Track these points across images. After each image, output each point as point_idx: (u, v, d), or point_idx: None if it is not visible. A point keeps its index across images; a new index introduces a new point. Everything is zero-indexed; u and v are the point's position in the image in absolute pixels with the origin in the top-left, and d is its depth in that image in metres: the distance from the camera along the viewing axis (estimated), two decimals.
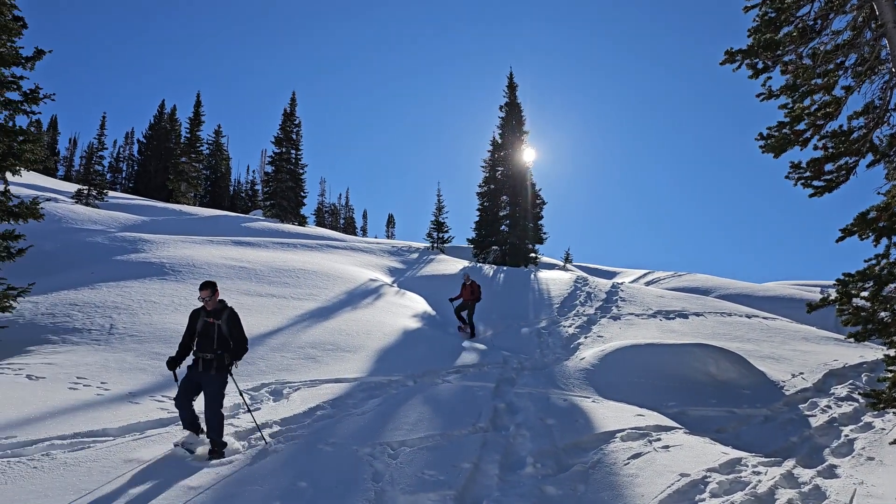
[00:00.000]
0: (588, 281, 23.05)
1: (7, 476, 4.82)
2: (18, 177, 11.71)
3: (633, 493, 5.22)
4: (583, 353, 12.92)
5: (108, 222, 25.86)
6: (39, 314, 12.20)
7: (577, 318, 17.32)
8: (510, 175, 34.69)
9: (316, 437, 6.50)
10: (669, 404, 9.45)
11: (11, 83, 11.09)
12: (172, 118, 60.15)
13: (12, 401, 7.09)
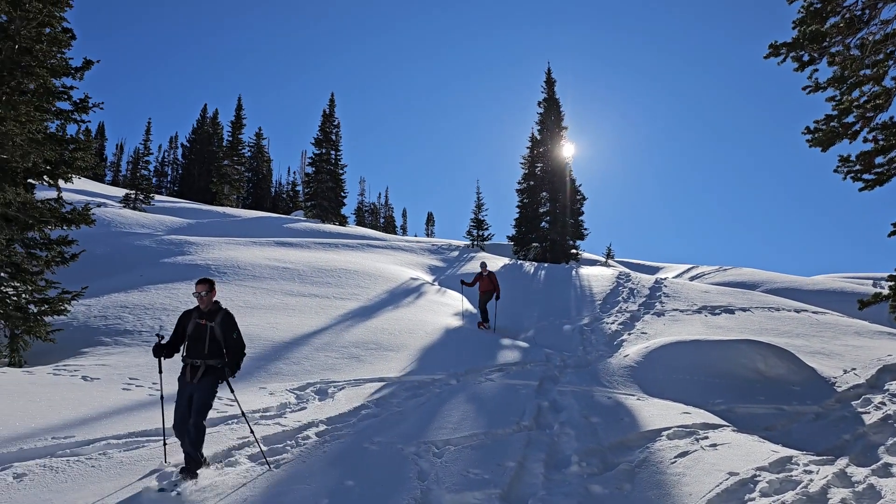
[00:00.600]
0: (630, 277, 22.78)
1: (67, 475, 5.00)
2: (70, 183, 12.08)
3: (680, 492, 5.17)
4: (626, 350, 12.79)
5: (155, 226, 26.50)
6: (92, 317, 12.59)
7: (620, 314, 17.14)
8: (549, 171, 34.50)
9: (361, 437, 6.58)
10: (716, 402, 9.31)
11: (62, 93, 11.44)
12: (215, 122, 61.38)
13: (69, 401, 7.34)
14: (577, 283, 22.22)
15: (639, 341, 13.58)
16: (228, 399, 8.08)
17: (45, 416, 6.52)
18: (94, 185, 44.47)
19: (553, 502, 5.07)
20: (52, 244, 11.33)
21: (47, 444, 5.60)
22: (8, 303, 10.43)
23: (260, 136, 65.05)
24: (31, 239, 11.25)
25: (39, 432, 5.94)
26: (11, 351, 10.53)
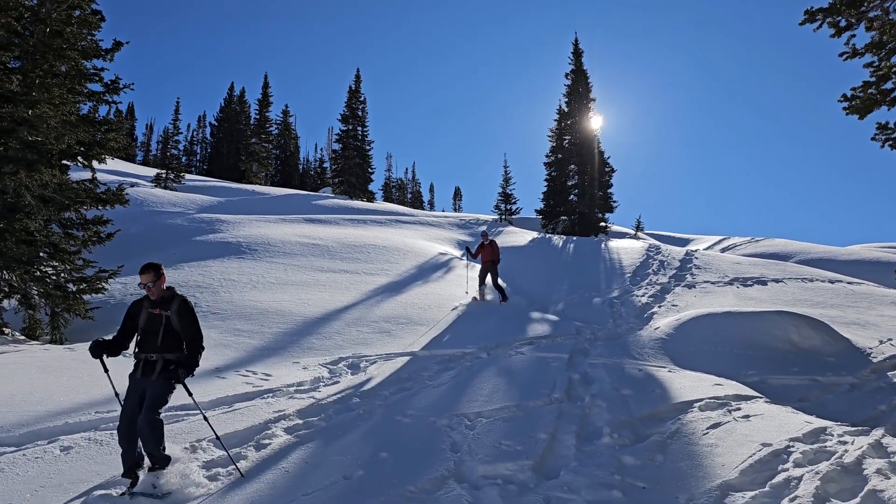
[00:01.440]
0: (661, 249, 22.58)
1: (111, 447, 5.16)
2: (103, 164, 12.28)
3: (712, 462, 5.17)
4: (657, 322, 12.72)
5: (186, 204, 26.85)
6: (129, 294, 12.87)
7: (650, 287, 17.03)
8: (577, 143, 34.14)
9: (394, 410, 6.67)
10: (749, 373, 9.24)
11: (93, 75, 11.60)
12: (242, 100, 61.68)
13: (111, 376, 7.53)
14: (606, 256, 22.10)
15: (669, 314, 13.50)
16: (264, 373, 8.26)
17: (87, 391, 6.72)
18: (126, 166, 45.12)
19: (585, 473, 5.10)
20: (88, 224, 11.57)
21: (91, 418, 5.78)
22: (48, 282, 10.70)
23: (287, 113, 65.29)
24: (68, 219, 11.50)
25: (83, 406, 6.13)
26: (52, 328, 10.82)
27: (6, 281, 10.77)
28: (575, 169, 34.12)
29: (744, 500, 4.44)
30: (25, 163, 10.09)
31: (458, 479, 4.89)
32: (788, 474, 4.88)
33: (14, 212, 10.11)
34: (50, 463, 4.74)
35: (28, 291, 10.75)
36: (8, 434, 5.16)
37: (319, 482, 4.69)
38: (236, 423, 6.03)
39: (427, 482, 4.76)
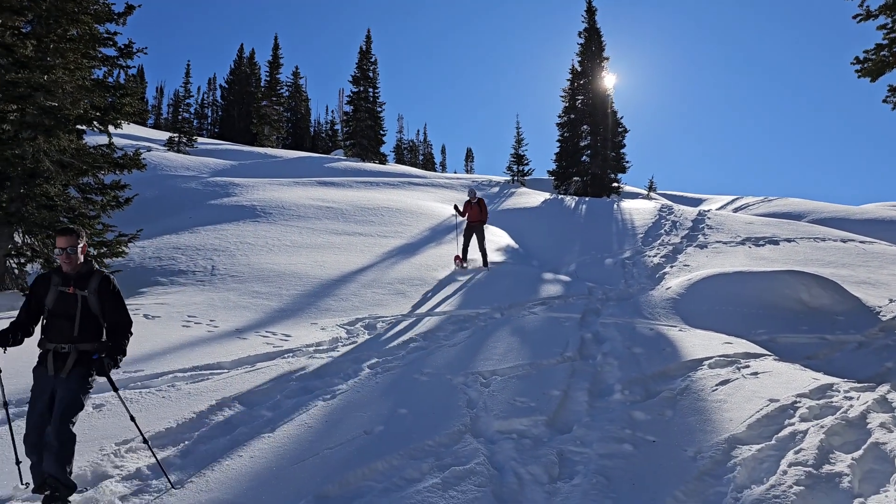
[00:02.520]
0: (673, 209, 22.55)
1: (141, 405, 5.38)
2: (119, 129, 12.40)
3: (721, 417, 5.33)
4: (668, 282, 12.83)
5: (199, 168, 26.98)
6: (147, 258, 13.10)
7: (662, 247, 17.09)
8: (590, 103, 33.79)
9: (411, 368, 6.86)
10: (758, 332, 9.36)
11: (107, 39, 11.62)
12: (252, 62, 61.29)
13: (134, 338, 7.70)
14: (618, 217, 22.11)
15: (681, 274, 13.59)
16: (283, 334, 8.48)
17: None
18: (139, 130, 45.18)
19: (598, 427, 5.28)
20: (106, 189, 11.72)
21: (119, 378, 5.99)
22: None
23: (297, 75, 64.82)
24: (87, 184, 11.65)
25: None
26: None
27: (28, 245, 11.00)
28: (587, 129, 33.82)
29: (750, 453, 4.59)
30: (43, 128, 10.22)
31: (474, 434, 5.07)
32: (794, 428, 5.04)
33: (34, 177, 10.27)
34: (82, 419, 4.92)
35: (50, 256, 10.97)
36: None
37: (341, 437, 4.89)
38: (258, 381, 6.24)
39: (445, 437, 4.95)
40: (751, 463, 4.47)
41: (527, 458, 4.70)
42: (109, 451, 4.38)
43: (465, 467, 4.37)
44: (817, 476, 4.22)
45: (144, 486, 3.98)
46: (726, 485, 4.21)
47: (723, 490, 4.16)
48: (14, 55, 10.08)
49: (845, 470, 4.33)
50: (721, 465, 4.50)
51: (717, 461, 4.56)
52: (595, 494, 4.12)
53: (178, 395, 5.68)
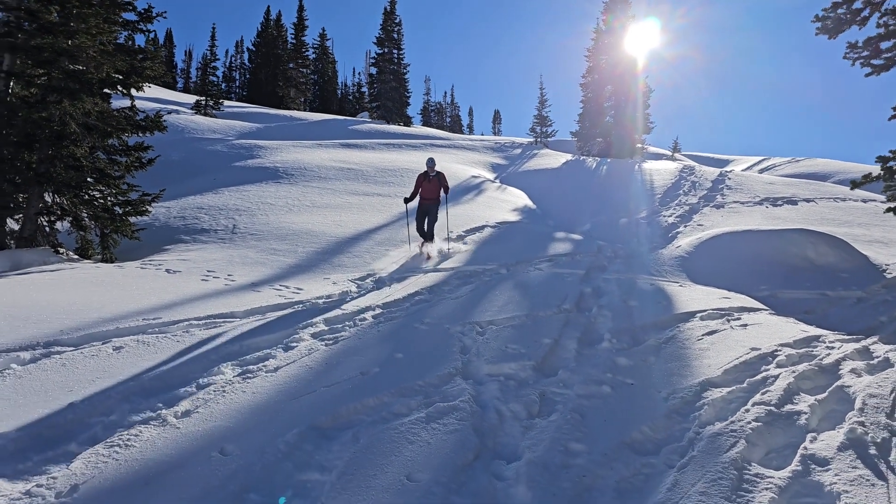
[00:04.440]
0: (694, 170, 22.48)
1: (156, 348, 5.81)
2: (142, 92, 12.78)
3: (700, 363, 5.59)
4: (680, 241, 12.99)
5: (225, 131, 27.42)
6: (172, 217, 13.59)
7: (678, 207, 17.18)
8: (614, 63, 33.39)
9: (412, 318, 7.21)
10: (761, 288, 9.53)
11: (127, 4, 11.93)
12: (278, 24, 61.25)
13: (156, 290, 8.24)
14: (638, 178, 22.13)
15: (694, 233, 13.72)
16: (296, 287, 8.89)
17: (136, 302, 7.40)
18: (167, 93, 45.76)
19: (581, 371, 5.58)
20: (130, 150, 12.15)
21: (139, 324, 6.44)
22: (96, 205, 11.40)
23: (324, 37, 64.76)
24: (111, 146, 12.09)
25: (132, 314, 6.81)
26: (103, 248, 11.60)
27: (58, 204, 11.51)
28: (611, 90, 33.50)
29: (720, 395, 4.87)
30: (68, 92, 10.62)
31: (464, 377, 5.41)
32: (767, 373, 5.29)
33: (61, 139, 10.71)
34: (104, 359, 5.40)
35: (78, 214, 11.49)
36: (68, 336, 5.84)
37: (339, 376, 5.26)
38: (268, 328, 6.64)
39: (435, 378, 5.29)
40: (719, 403, 4.74)
41: (510, 397, 5.03)
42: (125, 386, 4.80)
43: (450, 404, 4.71)
44: (777, 414, 4.49)
45: (155, 417, 4.39)
46: (691, 422, 4.49)
47: (687, 426, 4.44)
48: (39, 21, 10.46)
49: (805, 409, 4.59)
50: (690, 405, 4.78)
51: (688, 402, 4.84)
52: (568, 429, 4.44)
53: (191, 340, 6.10)
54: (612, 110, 33.47)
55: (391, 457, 3.96)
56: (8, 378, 4.80)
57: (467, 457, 4.01)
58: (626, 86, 32.79)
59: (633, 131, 32.74)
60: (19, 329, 5.88)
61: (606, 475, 3.86)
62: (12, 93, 10.87)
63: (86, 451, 3.88)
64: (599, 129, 33.60)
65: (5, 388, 4.65)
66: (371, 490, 3.59)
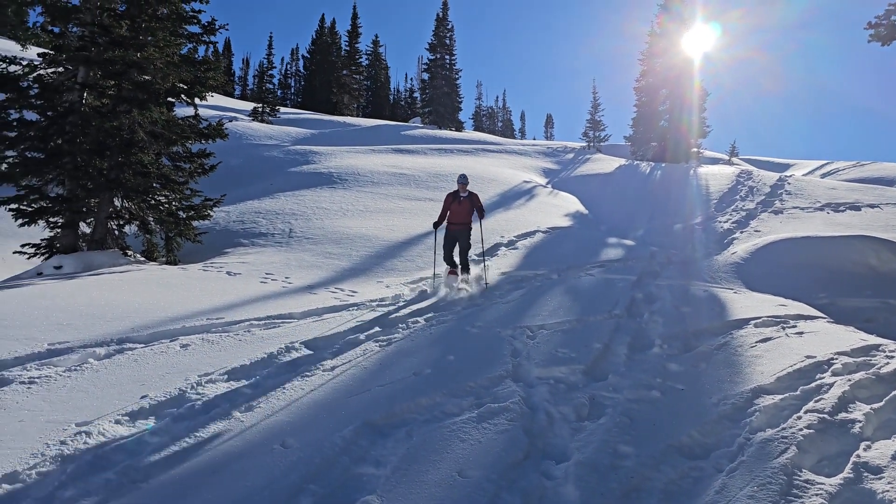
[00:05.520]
0: (752, 175, 22.01)
1: (220, 346, 6.09)
2: (204, 101, 13.29)
3: (752, 370, 5.56)
4: (735, 247, 12.80)
5: (281, 137, 28.09)
6: (231, 221, 14.07)
7: (734, 213, 16.89)
8: (669, 66, 32.92)
9: (464, 321, 7.34)
10: (819, 296, 9.36)
11: (192, 17, 12.44)
12: (332, 32, 62.39)
13: (218, 291, 8.59)
14: (693, 183, 21.80)
15: (750, 239, 13.50)
16: (350, 290, 9.13)
17: (199, 302, 7.75)
18: (226, 101, 47.05)
19: (631, 376, 5.62)
20: (193, 157, 12.66)
21: (203, 323, 6.75)
22: (161, 209, 11.91)
23: (377, 43, 65.67)
24: (176, 153, 12.61)
25: (196, 314, 7.13)
26: (167, 251, 12.11)
27: (126, 209, 12.06)
28: (666, 93, 33.04)
29: (772, 402, 4.85)
30: (137, 102, 11.14)
31: (514, 379, 5.51)
32: (822, 381, 5.24)
33: (130, 147, 11.23)
34: (172, 356, 5.70)
35: (145, 218, 12.02)
36: (138, 334, 6.18)
37: (392, 377, 5.43)
38: (324, 329, 6.87)
39: (486, 380, 5.40)
40: (770, 410, 4.73)
41: (560, 400, 5.11)
42: (192, 381, 5.07)
43: (501, 405, 4.82)
44: (830, 422, 4.47)
45: (221, 411, 4.63)
46: (742, 427, 4.50)
47: (737, 432, 4.45)
48: (111, 35, 11.00)
49: (860, 417, 4.54)
50: (741, 411, 4.77)
51: (738, 408, 4.83)
52: (617, 432, 4.50)
53: (252, 339, 6.37)
54: (667, 114, 33.00)
55: (443, 454, 4.09)
56: (86, 372, 5.13)
57: (517, 456, 4.12)
58: (681, 89, 32.27)
59: (688, 135, 32.19)
60: (95, 326, 6.26)
61: (654, 477, 3.92)
62: (86, 103, 11.44)
63: (158, 440, 4.14)
64: (654, 134, 33.18)
65: (84, 381, 4.97)
66: (424, 484, 3.73)
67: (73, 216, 11.27)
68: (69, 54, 11.41)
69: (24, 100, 11.09)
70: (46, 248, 11.63)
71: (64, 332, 6.03)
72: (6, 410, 4.39)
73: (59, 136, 11.05)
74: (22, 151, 11.04)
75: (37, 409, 4.45)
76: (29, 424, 4.21)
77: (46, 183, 11.35)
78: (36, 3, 11.73)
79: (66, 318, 6.57)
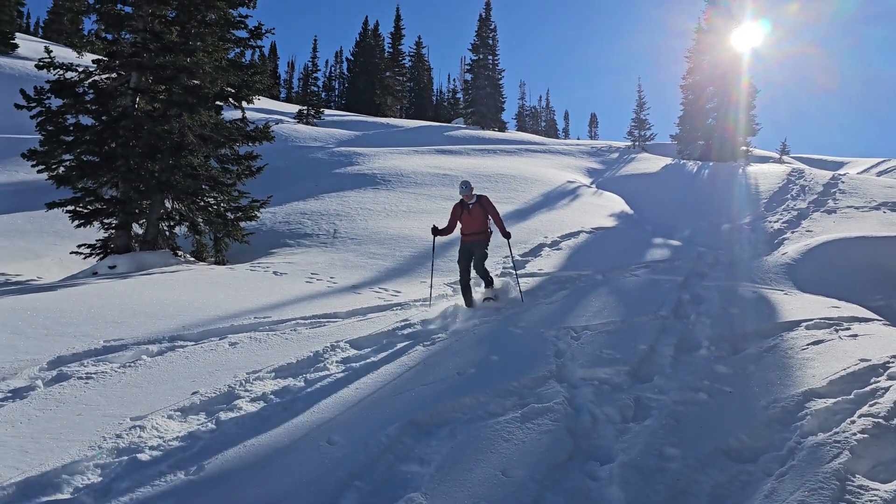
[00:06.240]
0: (804, 173, 21.42)
1: (268, 344, 6.22)
2: (251, 104, 13.55)
3: (803, 373, 5.42)
4: (786, 248, 12.50)
5: (326, 139, 28.44)
6: (277, 222, 14.31)
7: (785, 212, 16.49)
8: (717, 62, 32.22)
9: (507, 322, 7.34)
10: (875, 297, 9.09)
11: (239, 22, 12.70)
12: (376, 34, 62.87)
13: (265, 291, 8.77)
14: (742, 182, 21.34)
15: (802, 240, 13.17)
16: (394, 290, 9.22)
17: (247, 301, 7.92)
18: (272, 104, 47.80)
19: (677, 378, 5.54)
20: (240, 159, 12.92)
21: (251, 322, 6.90)
22: (210, 210, 12.19)
23: (420, 45, 65.95)
24: (224, 155, 12.89)
25: (244, 313, 7.29)
26: (216, 251, 12.39)
27: (177, 210, 12.38)
28: (714, 91, 32.36)
29: (824, 405, 4.72)
30: (187, 106, 11.43)
31: (558, 380, 5.48)
32: (878, 385, 5.08)
33: (180, 150, 11.53)
34: (221, 353, 5.84)
35: (195, 219, 12.32)
36: (189, 332, 6.35)
37: (436, 376, 5.47)
38: (368, 328, 6.95)
39: (529, 380, 5.39)
40: (823, 414, 4.61)
41: (604, 401, 5.07)
42: (241, 378, 5.18)
43: (545, 405, 4.81)
44: (886, 427, 4.33)
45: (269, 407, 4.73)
46: (792, 431, 4.40)
47: (787, 436, 4.35)
48: (162, 41, 11.31)
49: None
50: (792, 415, 4.67)
51: (789, 411, 4.73)
52: (663, 434, 4.45)
53: (298, 338, 6.49)
54: (714, 112, 32.32)
55: (487, 453, 4.11)
56: (139, 368, 5.30)
57: (561, 456, 4.10)
58: (729, 86, 31.55)
59: (736, 133, 31.48)
60: (147, 324, 6.45)
61: (701, 480, 3.86)
62: (138, 108, 11.79)
63: (209, 435, 4.25)
64: (700, 132, 32.53)
65: (137, 377, 5.13)
66: (468, 483, 3.75)
67: (127, 217, 11.62)
68: (122, 60, 11.78)
69: (80, 105, 11.48)
70: (101, 248, 12.01)
71: (118, 330, 6.24)
72: (65, 404, 4.56)
73: (113, 140, 11.40)
74: (78, 155, 11.42)
75: (94, 403, 4.61)
76: (86, 418, 4.37)
77: (101, 185, 11.73)
78: (91, 11, 12.10)
79: (121, 316, 6.79)
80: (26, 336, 5.90)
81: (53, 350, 5.53)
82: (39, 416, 4.39)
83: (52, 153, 11.33)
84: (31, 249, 12.86)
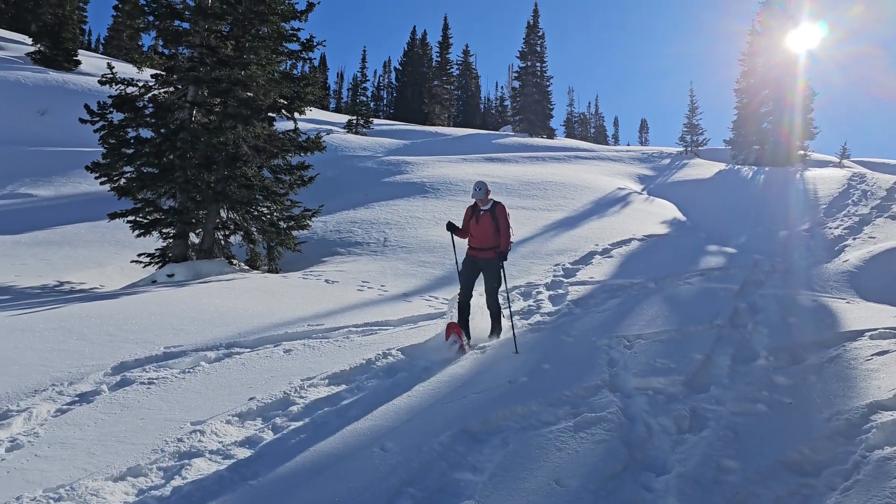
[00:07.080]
0: (865, 177, 20.73)
1: (321, 351, 6.32)
2: (303, 115, 13.81)
3: (867, 385, 5.24)
4: (847, 255, 12.11)
5: (375, 148, 28.73)
6: (328, 231, 14.53)
7: (846, 218, 15.98)
8: (772, 65, 31.47)
9: (559, 330, 7.29)
10: None
11: (291, 35, 12.98)
12: (423, 43, 63.41)
13: (317, 299, 8.91)
14: (799, 187, 20.77)
15: (864, 246, 12.74)
16: (444, 298, 9.26)
17: (301, 309, 8.06)
18: (321, 114, 48.55)
19: (735, 388, 5.42)
20: (293, 169, 13.17)
21: (305, 329, 7.02)
22: (264, 220, 12.45)
23: (467, 53, 66.24)
24: (276, 165, 13.16)
25: (298, 321, 7.42)
26: (269, 260, 12.64)
27: (232, 220, 12.68)
28: (768, 94, 31.59)
29: (891, 418, 4.54)
30: (241, 118, 11.71)
31: (611, 389, 5.42)
32: None
33: (235, 161, 11.81)
34: (276, 360, 5.96)
35: (249, 229, 12.60)
36: (245, 339, 6.50)
37: (488, 384, 5.47)
38: (419, 336, 6.99)
39: (582, 389, 5.35)
40: (889, 427, 4.44)
41: (659, 411, 4.99)
42: (296, 385, 5.28)
43: (598, 415, 4.76)
44: None
45: (323, 414, 4.81)
46: (857, 445, 4.25)
47: (852, 449, 4.21)
48: (218, 55, 11.62)
49: None
50: (856, 428, 4.51)
51: (853, 424, 4.57)
52: (720, 446, 4.36)
53: (351, 345, 6.58)
54: (770, 116, 31.53)
55: (540, 462, 4.09)
56: (198, 374, 5.45)
57: (616, 466, 4.06)
58: (784, 89, 30.76)
59: (792, 137, 30.63)
60: (206, 331, 6.63)
61: (761, 493, 3.77)
62: (195, 120, 12.13)
63: (266, 441, 4.34)
64: (755, 137, 31.77)
65: (196, 382, 5.27)
66: (521, 492, 3.74)
67: (184, 227, 11.94)
68: (180, 74, 12.15)
69: (140, 119, 11.87)
70: (160, 257, 12.37)
71: (178, 337, 6.42)
72: (129, 409, 4.72)
73: (171, 152, 11.75)
74: (138, 167, 11.80)
75: (155, 408, 4.76)
76: (149, 422, 4.51)
77: (160, 196, 12.10)
78: (150, 28, 12.51)
79: (179, 323, 6.99)
80: (92, 342, 6.13)
81: (117, 356, 5.73)
82: (105, 419, 4.55)
83: (113, 165, 11.73)
84: (94, 258, 13.31)
